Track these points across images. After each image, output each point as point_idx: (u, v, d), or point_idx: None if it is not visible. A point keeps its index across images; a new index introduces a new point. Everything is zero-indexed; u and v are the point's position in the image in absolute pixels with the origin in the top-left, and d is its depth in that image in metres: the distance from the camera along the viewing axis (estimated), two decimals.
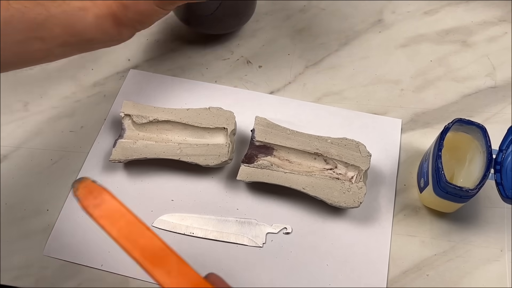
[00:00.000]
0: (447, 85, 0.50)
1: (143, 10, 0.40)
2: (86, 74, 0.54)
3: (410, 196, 0.44)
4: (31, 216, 0.44)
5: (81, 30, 0.38)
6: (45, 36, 0.37)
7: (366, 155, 0.42)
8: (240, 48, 0.55)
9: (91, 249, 0.42)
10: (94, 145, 0.48)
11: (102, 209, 0.25)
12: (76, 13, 0.38)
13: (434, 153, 0.38)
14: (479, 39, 0.54)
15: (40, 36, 0.37)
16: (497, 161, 0.37)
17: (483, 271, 0.40)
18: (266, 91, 0.51)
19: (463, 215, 0.42)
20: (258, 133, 0.43)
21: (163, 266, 0.26)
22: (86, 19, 0.38)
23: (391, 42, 0.54)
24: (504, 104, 0.49)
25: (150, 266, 0.25)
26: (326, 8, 0.58)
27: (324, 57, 0.53)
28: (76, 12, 0.38)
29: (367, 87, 0.51)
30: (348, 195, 0.40)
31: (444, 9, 0.57)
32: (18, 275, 0.41)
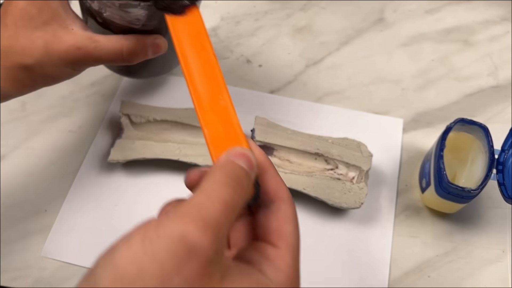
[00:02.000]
0: (448, 84, 0.50)
1: (51, 73, 0.34)
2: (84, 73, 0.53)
3: (411, 197, 0.44)
4: (29, 217, 0.44)
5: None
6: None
7: (368, 155, 0.42)
8: (240, 47, 0.54)
9: (89, 250, 0.41)
10: (93, 145, 0.47)
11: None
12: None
13: (436, 153, 0.38)
14: (481, 38, 0.53)
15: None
16: (499, 161, 0.37)
17: (485, 272, 0.40)
18: (266, 91, 0.51)
19: (465, 216, 0.42)
20: (258, 133, 0.43)
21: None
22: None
23: (393, 41, 0.54)
24: (506, 104, 0.48)
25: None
26: (327, 6, 0.57)
27: (325, 56, 0.53)
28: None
29: (368, 86, 0.50)
30: (349, 195, 0.40)
31: (445, 8, 0.56)
32: (16, 276, 0.41)
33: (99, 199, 0.44)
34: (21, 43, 0.32)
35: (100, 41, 0.33)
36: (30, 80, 0.34)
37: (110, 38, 0.33)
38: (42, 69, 0.33)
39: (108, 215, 0.43)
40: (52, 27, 0.32)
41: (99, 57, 0.33)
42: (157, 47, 0.35)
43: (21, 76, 0.33)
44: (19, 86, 0.34)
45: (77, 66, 0.34)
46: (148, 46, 0.34)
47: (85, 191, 0.45)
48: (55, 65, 0.33)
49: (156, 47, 0.35)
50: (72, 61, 0.33)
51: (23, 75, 0.33)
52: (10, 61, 0.32)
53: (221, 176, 0.22)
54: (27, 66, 0.32)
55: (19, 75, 0.33)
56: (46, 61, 0.33)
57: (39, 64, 0.32)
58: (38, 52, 0.32)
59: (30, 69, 0.33)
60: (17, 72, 0.33)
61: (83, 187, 0.45)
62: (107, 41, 0.33)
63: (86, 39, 0.33)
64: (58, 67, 0.33)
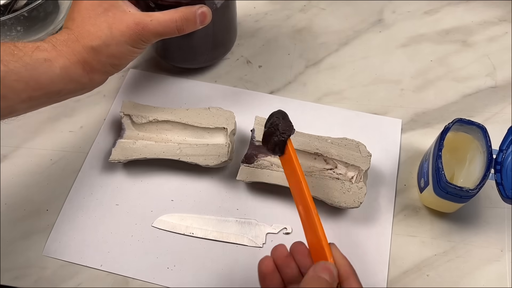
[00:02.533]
0: (447, 85, 0.50)
1: (116, 52, 0.38)
2: None
3: (410, 196, 0.44)
4: (31, 216, 0.44)
5: (47, 83, 0.35)
6: (5, 93, 0.33)
7: (366, 155, 0.42)
8: (240, 48, 0.54)
9: (90, 249, 0.42)
10: (94, 145, 0.48)
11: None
12: (40, 65, 0.34)
13: (435, 153, 0.38)
14: (480, 39, 0.54)
15: (0, 95, 0.33)
16: (497, 161, 0.37)
17: (483, 271, 0.40)
18: (266, 91, 0.51)
19: (464, 215, 0.42)
20: (258, 133, 0.43)
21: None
22: (52, 70, 0.35)
23: (392, 42, 0.54)
24: (504, 104, 0.49)
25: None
26: (326, 7, 0.58)
27: (324, 56, 0.53)
28: (40, 65, 0.34)
29: (368, 87, 0.51)
30: (348, 195, 0.40)
31: (444, 9, 0.57)
32: (18, 275, 0.41)
33: (100, 198, 0.44)
34: (87, 28, 0.37)
35: (155, 15, 0.38)
36: (97, 62, 0.37)
37: (163, 12, 0.38)
38: (108, 48, 0.37)
39: (109, 215, 0.43)
40: (112, 12, 0.37)
41: (155, 29, 0.38)
42: (204, 15, 0.40)
43: (90, 58, 0.37)
44: (88, 70, 0.37)
45: (138, 42, 0.38)
46: (196, 15, 0.39)
47: (87, 190, 0.45)
48: (118, 43, 0.37)
49: (203, 16, 0.40)
50: (133, 37, 0.37)
51: (91, 57, 0.37)
52: (79, 45, 0.37)
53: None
54: (94, 47, 0.37)
55: (88, 57, 0.37)
56: (110, 41, 0.37)
57: (104, 44, 0.37)
58: (103, 33, 0.37)
59: (97, 50, 0.37)
60: (86, 54, 0.37)
61: (84, 187, 0.45)
62: (161, 14, 0.38)
63: (143, 15, 0.38)
64: (122, 45, 0.37)
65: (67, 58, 0.36)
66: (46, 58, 0.35)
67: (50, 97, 0.37)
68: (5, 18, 0.50)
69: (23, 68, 0.34)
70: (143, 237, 0.42)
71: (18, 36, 0.53)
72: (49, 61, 0.35)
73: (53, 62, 0.35)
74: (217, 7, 0.44)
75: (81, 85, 0.38)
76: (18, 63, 0.34)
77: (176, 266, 0.41)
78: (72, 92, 0.38)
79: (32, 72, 0.34)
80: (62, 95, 0.38)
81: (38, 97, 0.36)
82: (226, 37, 0.51)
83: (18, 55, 0.34)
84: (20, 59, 0.34)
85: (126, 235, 0.42)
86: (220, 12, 0.45)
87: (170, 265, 0.41)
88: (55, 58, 0.35)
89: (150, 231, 0.43)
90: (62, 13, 0.56)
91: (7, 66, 0.33)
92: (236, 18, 0.51)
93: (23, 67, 0.34)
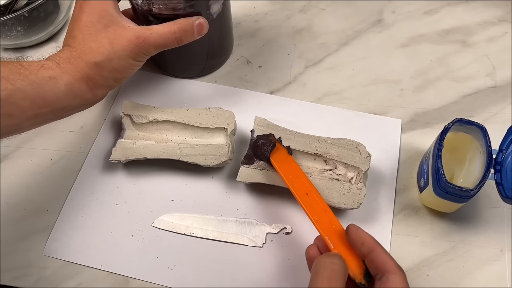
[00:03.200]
0: (447, 85, 0.50)
1: (118, 67, 0.39)
2: None
3: (410, 196, 0.44)
4: (31, 216, 0.44)
5: (53, 100, 0.36)
6: (12, 111, 0.34)
7: (366, 155, 0.42)
8: (240, 48, 0.55)
9: (91, 249, 0.42)
10: (94, 145, 0.48)
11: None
12: (46, 83, 0.35)
13: (434, 153, 0.38)
14: (479, 39, 0.54)
15: (7, 113, 0.34)
16: (497, 161, 0.37)
17: (483, 271, 0.40)
18: (266, 91, 0.51)
19: (463, 215, 0.42)
20: (258, 133, 0.43)
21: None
22: (57, 87, 0.36)
23: (391, 42, 0.54)
24: (504, 104, 0.49)
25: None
26: (326, 8, 0.58)
27: (324, 57, 0.53)
28: (46, 82, 0.35)
29: (367, 87, 0.51)
30: (348, 196, 0.40)
31: (444, 9, 0.57)
32: (18, 275, 0.41)
33: (101, 198, 0.45)
34: (89, 45, 0.38)
35: (154, 28, 0.39)
36: (100, 78, 0.39)
37: (162, 25, 0.40)
38: (110, 63, 0.38)
39: (110, 215, 0.44)
40: (112, 27, 0.39)
41: (156, 41, 0.39)
42: (201, 26, 0.41)
43: (93, 73, 0.38)
44: (92, 85, 0.39)
45: (139, 55, 0.40)
46: (194, 26, 0.41)
47: (87, 190, 0.45)
48: (120, 57, 0.38)
49: (200, 27, 0.41)
50: (134, 50, 0.39)
51: (95, 73, 0.38)
52: (82, 62, 0.38)
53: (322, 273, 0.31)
54: (97, 63, 0.38)
55: (91, 73, 0.38)
56: (112, 56, 0.38)
57: (107, 59, 0.38)
58: (105, 49, 0.38)
59: (100, 65, 0.38)
60: (89, 70, 0.38)
61: (85, 187, 0.45)
62: (160, 27, 0.39)
63: (142, 29, 0.39)
64: (124, 59, 0.39)
65: (71, 75, 0.37)
66: (52, 76, 0.36)
67: (55, 113, 0.38)
68: (5, 18, 0.50)
69: (30, 86, 0.34)
70: (143, 237, 0.42)
71: (18, 36, 0.53)
72: (54, 78, 0.36)
73: (58, 80, 0.36)
74: (214, 18, 0.44)
75: (85, 100, 0.39)
76: (24, 82, 0.34)
77: (176, 266, 0.41)
78: (76, 107, 0.39)
79: (38, 90, 0.35)
80: (67, 111, 0.39)
81: (43, 114, 0.36)
82: (223, 47, 0.51)
83: (24, 74, 0.35)
84: (27, 78, 0.35)
85: (126, 235, 0.42)
86: (217, 23, 0.46)
87: (170, 265, 0.41)
88: (60, 76, 0.36)
89: (150, 231, 0.43)
90: (63, 13, 0.56)
91: (14, 85, 0.34)
92: (232, 28, 0.52)
93: (29, 85, 0.34)
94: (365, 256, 0.32)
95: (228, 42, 0.52)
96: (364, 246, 0.32)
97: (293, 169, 0.40)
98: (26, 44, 0.55)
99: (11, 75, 0.34)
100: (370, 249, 0.32)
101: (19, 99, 0.34)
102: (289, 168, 0.40)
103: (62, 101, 0.37)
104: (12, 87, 0.34)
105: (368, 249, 0.32)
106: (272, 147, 0.41)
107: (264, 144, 0.42)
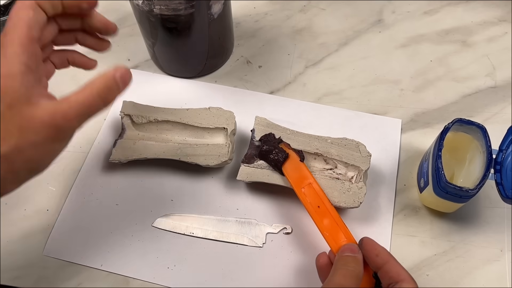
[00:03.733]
0: (447, 85, 0.50)
1: (33, 156, 0.30)
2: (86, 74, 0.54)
3: (410, 196, 0.44)
4: (31, 216, 0.44)
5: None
6: None
7: (366, 155, 0.42)
8: (240, 48, 0.55)
9: (91, 249, 0.42)
10: (94, 145, 0.48)
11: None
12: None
13: (434, 153, 0.38)
14: (479, 39, 0.54)
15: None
16: (497, 161, 0.37)
17: (483, 271, 0.40)
18: (266, 91, 0.51)
19: (463, 215, 0.42)
20: (258, 133, 0.43)
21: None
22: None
23: (391, 42, 0.54)
24: (504, 104, 0.49)
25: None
26: (326, 8, 0.58)
27: (324, 57, 0.53)
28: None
29: (367, 87, 0.51)
30: (348, 195, 0.40)
31: (444, 9, 0.57)
32: (18, 275, 0.41)
33: (100, 198, 0.45)
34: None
35: (71, 97, 0.31)
36: (10, 173, 0.30)
37: (78, 92, 0.31)
38: (21, 154, 0.29)
39: (110, 215, 0.44)
40: (17, 108, 0.29)
41: (77, 113, 0.30)
42: (124, 77, 0.33)
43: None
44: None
45: (60, 136, 0.31)
46: (117, 80, 0.32)
47: (87, 190, 0.45)
48: (34, 144, 0.30)
49: (124, 77, 0.33)
50: (52, 133, 0.30)
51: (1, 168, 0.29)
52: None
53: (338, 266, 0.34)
54: (3, 155, 0.29)
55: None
56: (23, 144, 0.29)
57: (16, 149, 0.29)
58: (12, 137, 0.29)
59: (7, 158, 0.29)
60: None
61: (85, 187, 0.45)
62: (78, 94, 0.31)
63: (57, 104, 0.30)
64: (39, 146, 0.30)
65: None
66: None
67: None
68: (5, 18, 0.50)
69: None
70: (143, 237, 0.42)
71: None
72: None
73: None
74: (214, 18, 0.44)
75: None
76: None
77: (176, 266, 0.41)
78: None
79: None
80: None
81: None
82: (223, 47, 0.51)
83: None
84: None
85: (126, 235, 0.42)
86: (217, 23, 0.45)
87: (170, 265, 0.41)
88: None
89: (150, 231, 0.43)
90: None
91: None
92: (232, 28, 0.52)
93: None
94: (379, 267, 0.33)
95: (228, 42, 0.52)
96: (379, 257, 0.34)
97: (305, 178, 0.40)
98: None
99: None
100: (385, 260, 0.33)
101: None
102: (301, 177, 0.40)
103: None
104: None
105: (383, 260, 0.33)
106: (285, 158, 0.41)
107: (277, 153, 0.41)
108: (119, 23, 0.57)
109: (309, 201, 0.39)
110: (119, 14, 0.58)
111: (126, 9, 0.58)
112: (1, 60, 0.29)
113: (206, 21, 0.45)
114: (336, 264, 0.34)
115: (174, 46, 0.48)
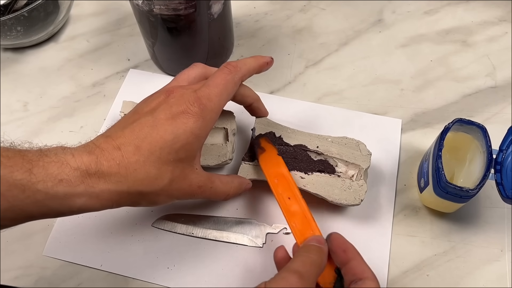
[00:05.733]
0: (447, 85, 0.50)
1: (157, 201, 0.32)
2: (85, 74, 0.54)
3: (410, 196, 0.44)
4: None
5: (53, 214, 0.29)
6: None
7: (366, 153, 0.42)
8: (240, 48, 0.55)
9: (91, 249, 0.42)
10: None
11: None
12: (55, 200, 0.28)
13: (434, 153, 0.38)
14: (480, 39, 0.54)
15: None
16: (497, 161, 0.37)
17: (483, 271, 0.40)
18: (266, 91, 0.51)
19: (463, 215, 0.42)
20: (258, 132, 0.43)
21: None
22: (68, 206, 0.28)
23: (391, 42, 0.54)
24: (504, 104, 0.49)
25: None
26: (326, 8, 0.58)
27: (324, 57, 0.53)
28: (55, 200, 0.28)
29: (367, 87, 0.51)
30: (349, 192, 0.40)
31: (444, 9, 0.57)
32: (18, 275, 0.41)
33: None
34: (147, 171, 0.30)
35: (215, 183, 0.36)
36: (131, 202, 0.31)
37: (222, 180, 0.37)
38: (152, 197, 0.31)
39: (110, 215, 0.43)
40: (183, 165, 0.32)
41: (210, 195, 0.36)
42: (248, 185, 0.40)
43: (124, 199, 0.30)
44: (107, 205, 0.30)
45: (185, 198, 0.34)
46: (245, 186, 0.40)
47: None
48: (169, 196, 0.32)
49: (247, 186, 0.40)
50: (186, 196, 0.34)
51: (126, 199, 0.30)
52: (124, 184, 0.29)
53: (299, 253, 0.33)
54: (142, 192, 0.30)
55: (122, 199, 0.30)
56: (161, 192, 0.31)
57: (154, 193, 0.31)
58: (162, 184, 0.31)
59: (141, 195, 0.30)
60: (123, 196, 0.30)
61: None
62: (220, 183, 0.36)
63: (206, 180, 0.35)
64: (169, 198, 0.33)
65: (97, 198, 0.28)
66: (68, 194, 0.27)
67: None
68: (5, 18, 0.50)
69: (33, 205, 0.27)
70: (143, 237, 0.42)
71: (18, 36, 0.53)
72: (71, 197, 0.27)
73: (75, 199, 0.28)
74: (214, 18, 0.44)
75: (83, 211, 0.30)
76: (28, 200, 0.26)
77: (176, 266, 0.41)
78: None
79: (42, 209, 0.27)
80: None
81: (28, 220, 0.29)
82: (223, 47, 0.52)
83: (31, 190, 0.26)
84: (32, 196, 0.26)
85: (126, 235, 0.42)
86: (217, 23, 0.45)
87: (170, 265, 0.41)
88: (80, 194, 0.28)
89: (150, 231, 0.43)
90: (62, 13, 0.56)
91: (10, 202, 0.26)
92: (232, 28, 0.52)
93: (33, 204, 0.27)
94: (344, 263, 0.33)
95: (228, 42, 0.52)
96: (346, 253, 0.33)
97: (279, 170, 0.40)
98: (26, 44, 0.55)
99: (11, 191, 0.26)
100: (352, 257, 0.33)
101: (8, 219, 0.28)
102: (275, 169, 0.40)
103: (63, 214, 0.29)
104: (7, 204, 0.26)
105: (350, 257, 0.33)
106: (257, 148, 0.41)
107: (255, 147, 0.42)
108: (119, 23, 0.58)
109: (280, 191, 0.38)
110: (119, 14, 0.58)
111: (126, 9, 0.58)
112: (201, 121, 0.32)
113: (206, 21, 0.45)
114: (298, 251, 0.33)
115: (174, 46, 0.48)
